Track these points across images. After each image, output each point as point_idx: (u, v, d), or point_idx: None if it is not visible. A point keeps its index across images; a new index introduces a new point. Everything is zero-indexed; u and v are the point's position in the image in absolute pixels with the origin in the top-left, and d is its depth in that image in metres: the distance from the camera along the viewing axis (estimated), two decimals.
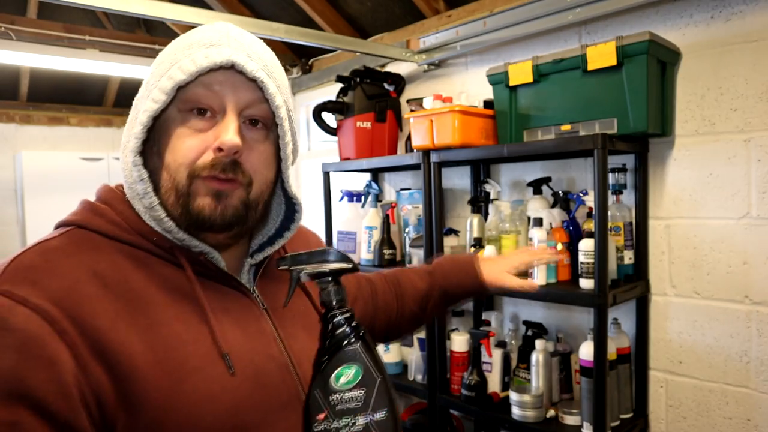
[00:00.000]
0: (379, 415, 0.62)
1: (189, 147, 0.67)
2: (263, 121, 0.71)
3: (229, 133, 0.66)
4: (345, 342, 0.63)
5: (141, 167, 0.67)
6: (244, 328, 0.71)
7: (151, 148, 0.69)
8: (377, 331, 1.08)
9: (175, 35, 3.42)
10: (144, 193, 0.67)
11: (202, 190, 0.67)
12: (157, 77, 0.68)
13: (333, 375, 0.62)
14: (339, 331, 0.64)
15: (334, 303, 0.66)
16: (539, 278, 1.59)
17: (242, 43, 0.69)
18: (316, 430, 0.60)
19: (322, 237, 2.37)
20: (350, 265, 0.68)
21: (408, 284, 1.12)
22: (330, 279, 0.67)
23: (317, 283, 0.67)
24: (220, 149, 0.66)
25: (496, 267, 1.15)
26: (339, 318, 0.65)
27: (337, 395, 0.61)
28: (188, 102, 0.67)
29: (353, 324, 0.65)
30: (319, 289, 0.67)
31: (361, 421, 0.61)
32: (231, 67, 0.67)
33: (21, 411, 0.55)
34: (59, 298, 0.59)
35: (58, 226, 0.70)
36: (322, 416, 0.61)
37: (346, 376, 0.62)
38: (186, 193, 0.67)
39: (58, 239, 0.66)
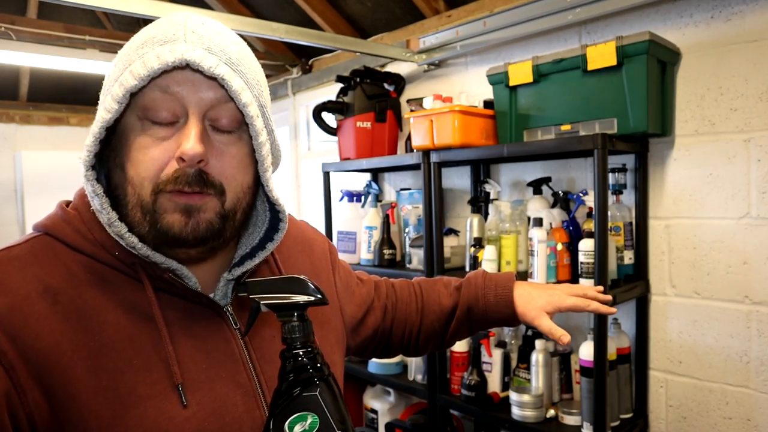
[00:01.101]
0: None
1: (151, 159, 0.60)
2: (231, 122, 0.63)
3: (189, 140, 0.59)
4: (304, 386, 0.56)
5: (94, 182, 0.61)
6: (208, 352, 0.65)
7: (113, 159, 0.63)
8: (393, 344, 0.99)
9: None
10: (101, 209, 0.61)
11: (169, 206, 0.61)
12: (111, 81, 0.62)
13: (287, 422, 0.55)
14: (299, 373, 0.57)
15: (296, 340, 0.58)
16: (539, 278, 1.59)
17: (201, 35, 0.61)
18: None
19: None
20: (316, 298, 0.60)
21: (434, 299, 0.99)
22: (293, 313, 0.59)
23: (278, 316, 0.60)
24: (182, 159, 0.59)
25: (534, 302, 0.93)
26: (301, 358, 0.58)
27: None
28: (145, 109, 0.60)
29: (316, 366, 0.58)
30: (280, 321, 0.60)
31: None
32: (187, 66, 0.59)
33: None
34: (2, 316, 0.56)
35: (34, 227, 0.66)
36: None
37: (301, 425, 0.55)
38: (152, 210, 0.61)
39: (20, 247, 0.62)
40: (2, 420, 0.53)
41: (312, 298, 0.60)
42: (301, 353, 0.58)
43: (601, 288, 0.98)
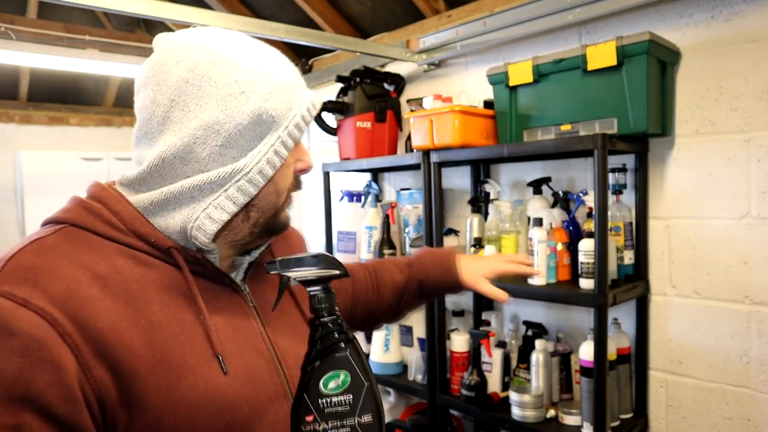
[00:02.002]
0: (366, 419, 0.64)
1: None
2: None
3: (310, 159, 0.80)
4: (335, 348, 0.64)
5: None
6: (235, 326, 0.72)
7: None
8: (356, 320, 1.09)
9: None
10: (215, 230, 0.70)
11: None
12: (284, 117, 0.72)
13: (322, 380, 0.63)
14: (328, 337, 0.65)
15: (323, 309, 0.66)
16: (539, 278, 1.59)
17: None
18: (304, 430, 0.62)
19: (322, 237, 2.37)
20: (340, 272, 0.68)
21: (387, 276, 1.12)
22: (320, 285, 0.66)
23: (307, 289, 0.67)
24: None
25: (474, 269, 1.13)
26: (328, 324, 0.65)
27: (326, 399, 0.63)
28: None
29: (343, 330, 0.65)
30: (308, 294, 0.67)
31: (348, 423, 0.63)
32: None
33: (26, 415, 0.55)
34: (61, 301, 0.59)
35: (47, 223, 0.69)
36: (310, 418, 0.62)
37: (335, 381, 0.63)
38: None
39: (53, 237, 0.65)
40: (76, 395, 0.57)
41: (337, 272, 0.67)
42: (329, 320, 0.65)
43: (529, 257, 1.25)
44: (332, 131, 2.34)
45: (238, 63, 0.68)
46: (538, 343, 1.71)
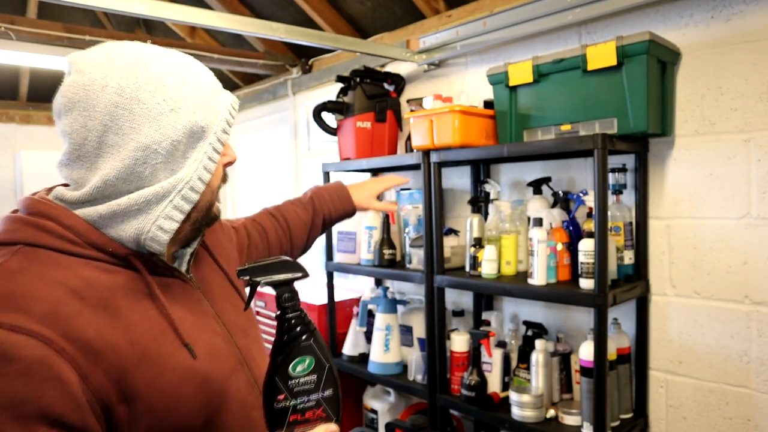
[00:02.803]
0: (328, 393, 0.77)
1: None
2: None
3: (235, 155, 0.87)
4: (301, 338, 0.76)
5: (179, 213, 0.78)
6: (192, 312, 0.82)
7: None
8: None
9: (174, 35, 3.42)
10: (170, 230, 0.77)
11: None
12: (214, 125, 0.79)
13: (291, 365, 0.74)
14: (294, 330, 0.76)
15: (289, 307, 0.76)
16: (539, 278, 1.59)
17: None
18: (277, 407, 0.74)
19: (323, 237, 2.37)
20: (301, 274, 0.77)
21: (294, 216, 1.29)
22: (284, 287, 0.76)
23: (275, 290, 0.76)
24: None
25: (362, 193, 1.43)
26: (292, 320, 0.76)
27: (294, 380, 0.75)
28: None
29: (305, 322, 0.77)
30: (275, 294, 0.76)
31: (313, 397, 0.76)
32: None
33: (42, 428, 0.61)
34: (48, 321, 0.64)
35: None
36: (281, 396, 0.74)
37: (302, 365, 0.75)
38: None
39: (15, 260, 0.68)
40: (82, 403, 0.64)
41: (299, 274, 0.77)
42: (293, 316, 0.76)
43: (397, 177, 1.58)
44: (332, 131, 2.34)
45: (163, 81, 0.73)
46: (538, 343, 1.71)
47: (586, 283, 1.51)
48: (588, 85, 1.55)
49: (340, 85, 2.31)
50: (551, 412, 1.66)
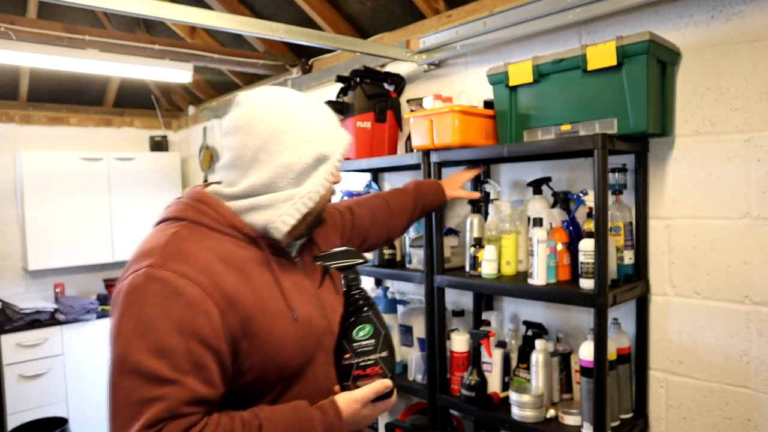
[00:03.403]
0: (384, 354, 1.01)
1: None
2: None
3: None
4: (363, 310, 1.01)
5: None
6: (296, 286, 1.07)
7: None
8: (378, 241, 1.60)
9: (174, 35, 3.42)
10: (294, 221, 1.04)
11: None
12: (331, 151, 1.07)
13: (355, 330, 0.99)
14: (357, 303, 1.01)
15: (353, 286, 1.02)
16: (539, 278, 1.59)
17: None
18: (344, 363, 0.99)
19: None
20: (361, 260, 1.05)
21: (400, 204, 1.63)
22: (349, 270, 1.03)
23: (342, 272, 1.03)
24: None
25: (450, 186, 1.77)
26: (356, 295, 1.02)
27: (357, 343, 0.99)
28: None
29: (366, 297, 1.02)
30: (342, 276, 1.03)
31: (372, 357, 1.00)
32: None
33: (193, 342, 0.89)
34: (204, 273, 0.93)
35: (164, 220, 1.03)
36: (348, 356, 0.99)
37: (363, 331, 1.00)
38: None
39: (184, 231, 0.98)
40: (220, 332, 0.92)
41: (360, 261, 1.05)
42: (356, 293, 1.02)
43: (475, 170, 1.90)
44: None
45: (305, 121, 1.03)
46: (538, 343, 1.71)
47: (586, 283, 1.51)
48: (588, 85, 1.54)
49: (340, 85, 2.31)
50: (551, 412, 1.66)
